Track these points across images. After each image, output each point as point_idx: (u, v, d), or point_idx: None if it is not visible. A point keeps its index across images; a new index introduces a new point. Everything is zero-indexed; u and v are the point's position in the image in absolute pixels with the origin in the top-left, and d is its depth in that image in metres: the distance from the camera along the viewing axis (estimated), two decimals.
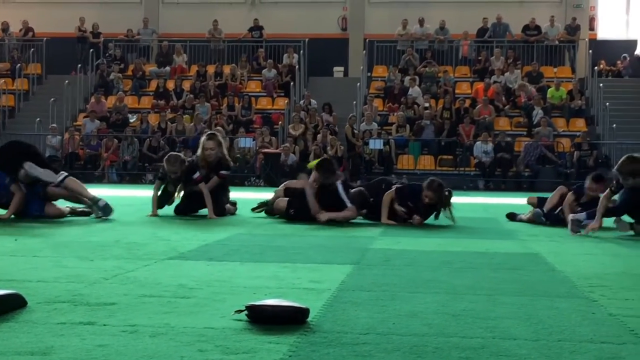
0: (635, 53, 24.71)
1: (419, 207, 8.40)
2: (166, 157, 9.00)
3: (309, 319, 3.34)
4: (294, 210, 8.58)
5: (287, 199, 8.75)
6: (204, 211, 9.19)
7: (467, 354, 2.84)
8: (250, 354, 2.79)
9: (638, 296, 4.25)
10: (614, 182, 7.57)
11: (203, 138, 9.33)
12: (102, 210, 8.41)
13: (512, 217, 9.34)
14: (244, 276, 4.68)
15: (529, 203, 9.54)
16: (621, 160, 7.59)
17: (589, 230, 7.43)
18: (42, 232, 7.02)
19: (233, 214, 9.56)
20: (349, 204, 8.37)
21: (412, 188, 8.64)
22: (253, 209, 9.52)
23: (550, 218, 8.74)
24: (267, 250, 6.05)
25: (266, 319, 3.28)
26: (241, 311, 3.37)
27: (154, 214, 8.85)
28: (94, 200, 8.47)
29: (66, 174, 8.51)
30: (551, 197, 9.07)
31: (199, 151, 9.24)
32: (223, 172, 9.23)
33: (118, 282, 4.34)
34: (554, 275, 4.95)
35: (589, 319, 3.56)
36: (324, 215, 8.35)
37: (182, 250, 5.88)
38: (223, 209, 9.26)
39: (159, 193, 9.09)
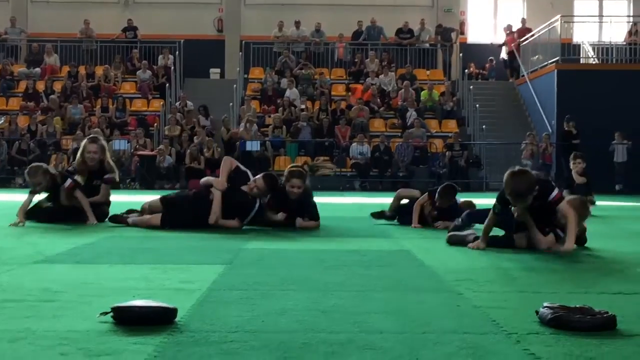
0: (501, 57, 25.60)
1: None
2: (27, 169, 8.43)
3: (177, 319, 3.30)
4: (170, 226, 7.71)
5: (160, 215, 7.87)
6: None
7: (334, 349, 2.87)
8: (114, 355, 2.73)
9: (501, 289, 4.39)
10: (496, 203, 6.16)
11: (85, 142, 8.83)
12: None
13: (378, 215, 9.34)
14: (112, 278, 4.58)
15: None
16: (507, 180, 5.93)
17: (474, 247, 6.24)
18: None
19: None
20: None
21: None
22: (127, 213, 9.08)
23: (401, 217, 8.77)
24: (138, 252, 5.94)
25: (133, 320, 3.22)
26: (107, 313, 3.29)
27: (19, 222, 7.95)
28: None
29: None
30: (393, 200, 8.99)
31: (79, 155, 8.73)
32: (108, 176, 8.71)
33: None
34: (422, 271, 5.06)
35: (454, 312, 3.66)
36: (219, 221, 7.74)
37: (49, 253, 5.70)
38: (105, 214, 8.62)
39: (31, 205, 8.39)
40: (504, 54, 25.41)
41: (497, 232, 6.51)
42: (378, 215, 9.26)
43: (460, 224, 7.12)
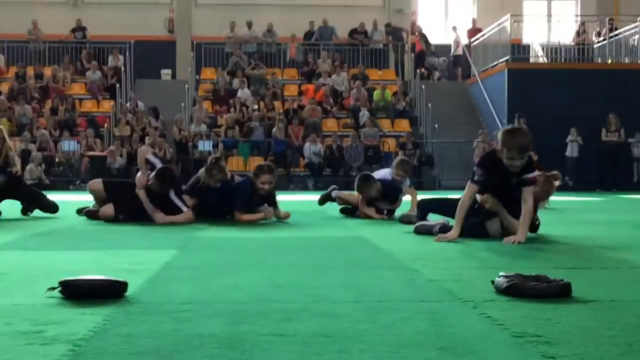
0: (450, 55, 25.78)
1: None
2: None
3: (127, 294, 3.21)
4: (124, 215, 7.53)
5: (112, 204, 7.59)
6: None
7: (289, 316, 2.81)
8: (61, 324, 2.63)
9: (456, 266, 4.37)
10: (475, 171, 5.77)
11: None
12: None
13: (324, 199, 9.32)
14: (61, 262, 4.46)
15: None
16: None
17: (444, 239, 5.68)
18: None
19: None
20: (184, 209, 7.55)
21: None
22: (78, 211, 8.49)
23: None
24: (87, 240, 5.82)
25: (81, 294, 3.12)
26: (54, 288, 3.19)
27: None
28: None
29: None
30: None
31: None
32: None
33: None
34: (378, 253, 5.03)
35: (410, 285, 3.62)
36: (162, 217, 7.39)
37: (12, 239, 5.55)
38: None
39: None
40: (452, 53, 25.62)
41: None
42: (324, 199, 9.31)
43: (418, 219, 6.99)
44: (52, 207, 8.38)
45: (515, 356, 2.23)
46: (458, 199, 5.88)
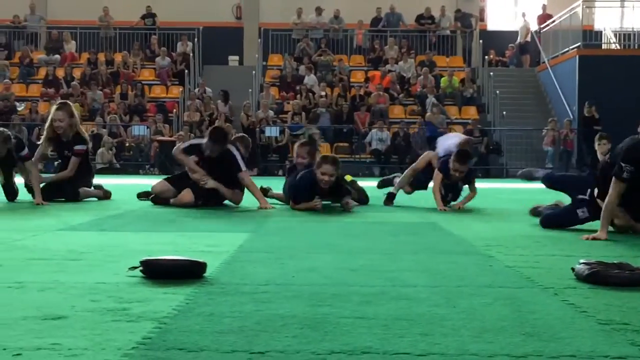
0: (517, 42, 25.39)
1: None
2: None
3: (205, 274, 3.25)
4: (202, 201, 7.37)
5: (189, 190, 7.39)
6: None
7: (367, 299, 2.81)
8: (145, 302, 2.68)
9: (532, 252, 4.32)
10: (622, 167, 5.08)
11: (52, 108, 8.18)
12: None
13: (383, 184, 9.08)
14: (138, 242, 4.55)
15: None
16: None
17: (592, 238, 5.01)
18: None
19: (102, 198, 8.39)
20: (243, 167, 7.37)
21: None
22: (139, 195, 8.42)
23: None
24: (161, 223, 5.90)
25: (162, 274, 3.18)
26: (136, 268, 3.25)
27: None
28: None
29: None
30: (418, 161, 8.43)
31: (47, 124, 8.09)
32: (78, 147, 7.99)
33: (3, 249, 4.14)
34: (451, 238, 5.00)
35: (487, 270, 3.59)
36: (211, 182, 7.27)
37: (73, 223, 5.67)
38: (77, 192, 8.02)
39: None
40: (520, 39, 25.23)
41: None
42: (384, 184, 9.15)
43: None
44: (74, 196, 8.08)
45: (603, 343, 2.19)
46: (583, 178, 5.73)
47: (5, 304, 2.61)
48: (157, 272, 3.18)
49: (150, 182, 10.88)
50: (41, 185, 7.71)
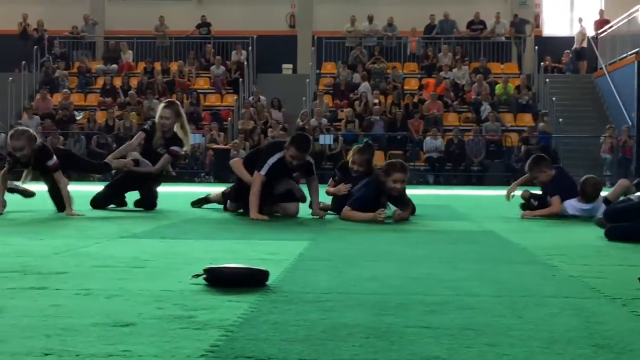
0: (573, 48, 25.06)
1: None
2: (13, 130, 7.35)
3: (268, 282, 3.27)
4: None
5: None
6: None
7: (432, 308, 2.80)
8: (210, 310, 2.71)
9: (596, 262, 4.26)
10: None
11: (160, 105, 8.27)
12: None
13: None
14: (199, 250, 4.59)
15: (522, 197, 8.19)
16: None
17: None
18: None
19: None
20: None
21: None
22: (193, 204, 8.47)
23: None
24: (220, 230, 5.96)
25: (225, 282, 3.20)
26: (199, 275, 3.28)
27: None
28: None
29: None
30: (614, 189, 7.42)
31: (156, 119, 8.09)
32: (175, 148, 8.00)
33: (69, 256, 4.22)
34: (511, 247, 4.95)
35: (551, 280, 3.55)
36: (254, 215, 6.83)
37: (134, 231, 5.75)
38: (153, 201, 8.05)
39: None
40: (576, 45, 24.90)
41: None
42: None
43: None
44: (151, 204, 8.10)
45: None
46: None
47: (74, 311, 2.65)
48: (221, 280, 3.20)
49: (205, 190, 10.99)
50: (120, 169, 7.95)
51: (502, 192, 8.99)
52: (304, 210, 7.47)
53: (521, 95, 22.94)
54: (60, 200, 7.34)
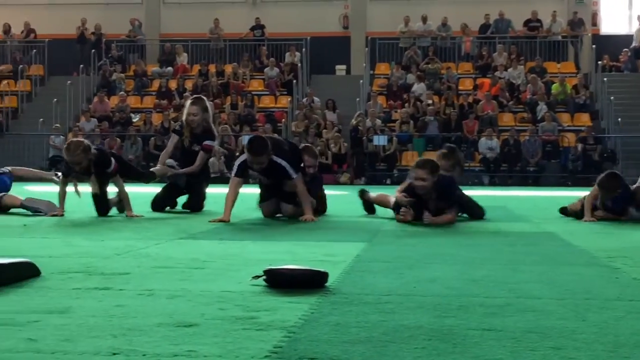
0: (632, 46, 24.60)
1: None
2: (67, 143, 7.29)
3: (327, 284, 3.28)
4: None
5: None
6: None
7: (493, 310, 2.78)
8: (271, 311, 2.72)
9: None
10: None
11: (187, 102, 8.28)
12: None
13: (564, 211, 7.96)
14: (257, 251, 4.62)
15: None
16: None
17: None
18: (49, 219, 6.91)
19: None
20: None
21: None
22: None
23: None
24: (277, 232, 5.99)
25: (285, 283, 3.22)
26: (259, 277, 3.30)
27: (60, 214, 7.14)
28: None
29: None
30: None
31: (184, 117, 8.12)
32: (207, 142, 7.99)
33: (130, 257, 4.28)
34: (571, 249, 4.89)
35: (614, 282, 3.50)
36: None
37: (192, 232, 5.81)
38: (200, 203, 7.95)
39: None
40: (635, 43, 24.44)
41: None
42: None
43: None
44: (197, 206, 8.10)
45: None
46: None
47: (138, 311, 2.69)
48: (281, 281, 3.22)
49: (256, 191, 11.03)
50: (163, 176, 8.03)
51: (559, 193, 8.93)
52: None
53: (578, 94, 22.61)
54: (103, 205, 7.29)
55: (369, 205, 7.80)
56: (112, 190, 7.43)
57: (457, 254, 4.55)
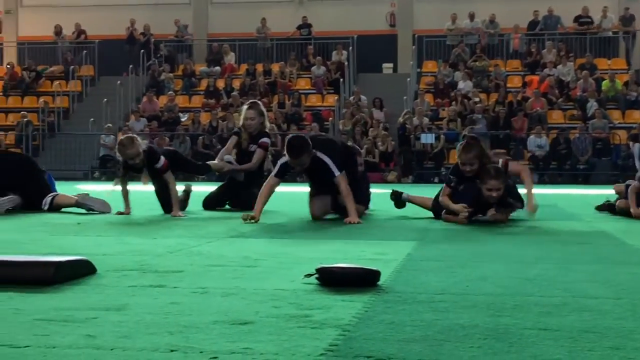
0: None
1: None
2: (119, 142, 7.38)
3: (379, 282, 3.28)
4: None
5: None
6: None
7: (548, 310, 2.76)
8: (325, 309, 2.73)
9: None
10: None
11: (244, 107, 8.42)
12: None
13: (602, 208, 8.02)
14: (308, 250, 4.64)
15: (616, 192, 8.02)
16: None
17: None
18: (102, 217, 7.02)
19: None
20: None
21: None
22: None
23: None
24: (327, 231, 6.00)
25: (337, 281, 3.22)
26: (311, 275, 3.31)
27: (127, 212, 7.28)
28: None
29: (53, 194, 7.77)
30: None
31: (240, 121, 8.30)
32: (264, 139, 8.15)
33: (183, 255, 4.33)
34: (625, 248, 4.82)
35: None
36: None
37: (242, 230, 5.85)
38: (250, 202, 7.22)
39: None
40: None
41: None
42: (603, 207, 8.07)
43: None
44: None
45: None
46: None
47: (194, 309, 2.72)
48: (333, 279, 3.23)
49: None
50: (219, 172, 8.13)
51: (610, 191, 8.77)
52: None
53: (629, 91, 22.27)
54: (168, 201, 7.41)
55: (399, 201, 7.67)
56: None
57: (509, 253, 4.51)
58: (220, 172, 8.38)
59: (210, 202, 8.17)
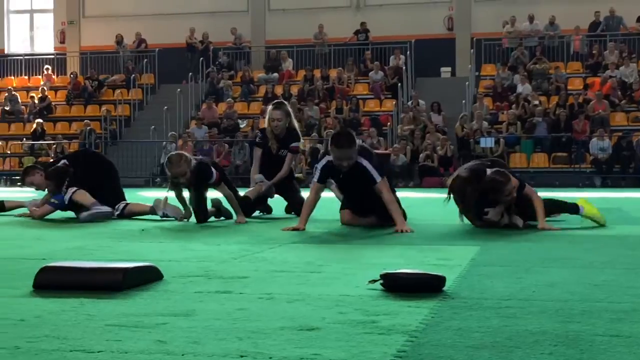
0: None
1: None
2: (167, 158, 7.22)
3: (444, 288, 3.26)
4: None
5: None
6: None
7: (619, 316, 2.71)
8: (391, 315, 2.73)
9: None
10: None
11: (269, 107, 8.09)
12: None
13: None
14: (370, 255, 4.64)
15: None
16: None
17: None
18: (164, 224, 7.11)
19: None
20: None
21: None
22: None
23: None
24: (388, 236, 5.97)
25: (402, 287, 3.22)
26: (375, 281, 3.31)
27: (186, 216, 7.34)
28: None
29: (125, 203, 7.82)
30: None
31: (266, 123, 8.03)
32: (294, 144, 7.91)
33: (247, 261, 4.36)
34: None
35: None
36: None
37: (303, 237, 5.86)
38: (299, 203, 7.35)
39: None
40: None
41: None
42: None
43: None
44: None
45: None
46: None
47: (261, 315, 2.74)
48: (398, 285, 3.22)
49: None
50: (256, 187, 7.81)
51: None
52: None
53: None
54: (203, 212, 7.22)
55: None
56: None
57: (575, 258, 4.45)
58: (260, 195, 7.93)
59: (246, 209, 7.59)
